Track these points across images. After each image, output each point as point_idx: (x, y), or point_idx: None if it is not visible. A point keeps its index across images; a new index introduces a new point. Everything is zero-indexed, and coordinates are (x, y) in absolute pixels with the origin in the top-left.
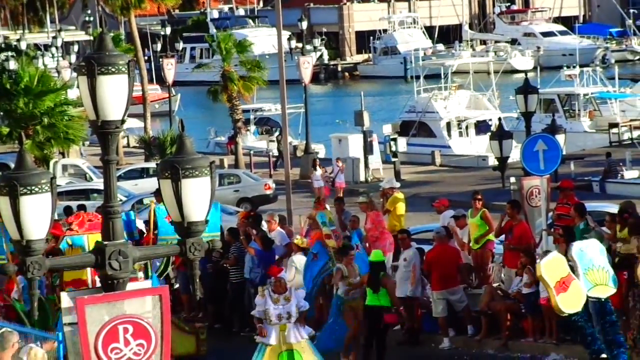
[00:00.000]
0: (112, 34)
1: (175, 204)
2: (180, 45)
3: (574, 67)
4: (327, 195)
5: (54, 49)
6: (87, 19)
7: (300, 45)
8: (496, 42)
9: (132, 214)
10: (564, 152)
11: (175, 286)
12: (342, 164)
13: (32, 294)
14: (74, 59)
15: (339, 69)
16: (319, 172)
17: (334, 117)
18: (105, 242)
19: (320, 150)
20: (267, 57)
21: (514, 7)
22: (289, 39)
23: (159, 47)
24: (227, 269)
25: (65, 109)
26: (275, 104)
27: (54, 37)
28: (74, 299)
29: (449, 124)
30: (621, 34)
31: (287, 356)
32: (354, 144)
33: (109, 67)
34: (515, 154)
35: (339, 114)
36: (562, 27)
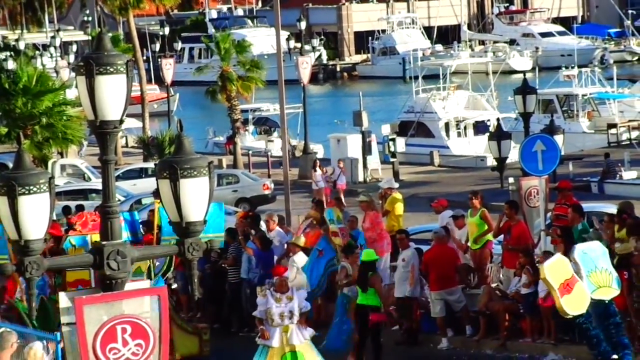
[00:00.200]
0: (110, 34)
1: (173, 204)
2: (178, 45)
3: (573, 67)
4: (328, 196)
5: (52, 49)
6: (85, 18)
7: (299, 45)
8: (495, 42)
9: (137, 214)
10: (563, 153)
11: (173, 286)
12: (343, 165)
13: (31, 294)
14: (72, 59)
15: (338, 69)
16: (319, 173)
17: (332, 117)
18: (103, 242)
19: (318, 150)
20: (265, 57)
21: (513, 8)
22: (288, 39)
23: (158, 47)
24: (225, 269)
25: (63, 109)
26: (273, 104)
27: (53, 37)
28: (72, 299)
29: (447, 125)
30: (619, 35)
31: (290, 357)
32: (353, 144)
33: (108, 67)
34: (513, 155)
35: (337, 114)
36: (561, 28)
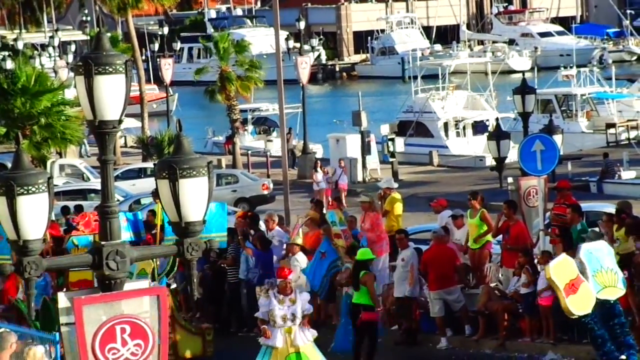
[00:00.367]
0: (109, 34)
1: (172, 204)
2: (177, 45)
3: (571, 67)
4: (329, 197)
5: (51, 49)
6: (84, 18)
7: (298, 45)
8: (494, 42)
9: (140, 214)
10: (562, 153)
11: (172, 286)
12: (344, 164)
13: (29, 294)
14: (71, 58)
15: (337, 69)
16: (320, 174)
17: (331, 117)
18: (102, 242)
19: (317, 150)
20: (264, 57)
21: (512, 8)
22: (287, 39)
23: (157, 47)
24: (224, 269)
25: (62, 109)
26: (272, 103)
27: (51, 37)
28: (71, 299)
29: (446, 124)
30: (618, 35)
31: (295, 358)
32: (352, 144)
33: (106, 67)
34: (512, 155)
35: (336, 114)
36: (560, 28)
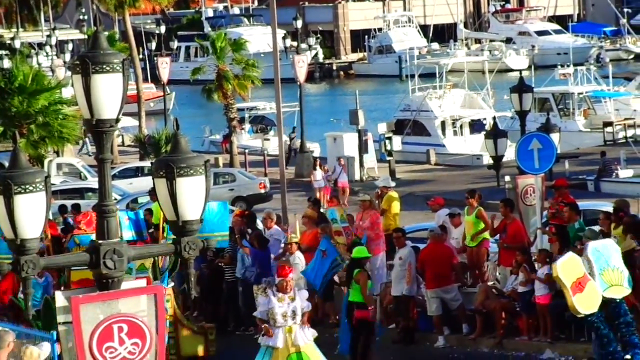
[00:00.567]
0: (106, 32)
1: (170, 203)
2: (175, 43)
3: (569, 66)
4: (328, 195)
5: (48, 48)
6: (81, 17)
7: (295, 43)
8: (491, 41)
9: (141, 213)
10: (559, 151)
11: (170, 285)
12: (344, 163)
13: (26, 293)
14: (68, 57)
15: (334, 68)
16: (319, 173)
17: (329, 115)
18: (100, 241)
19: (315, 149)
20: (262, 55)
21: (509, 6)
22: (284, 38)
23: (154, 45)
24: (222, 268)
25: (59, 107)
26: (270, 102)
27: (48, 36)
28: (68, 298)
29: (443, 123)
30: (615, 33)
31: (296, 358)
32: (349, 143)
33: (104, 66)
34: (510, 153)
35: (333, 112)
36: (557, 26)
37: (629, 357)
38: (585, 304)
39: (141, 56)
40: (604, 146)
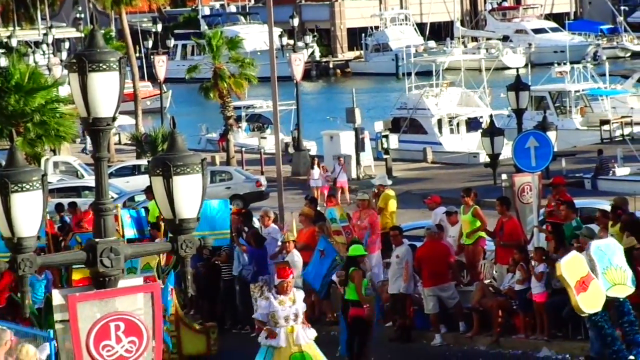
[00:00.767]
0: (102, 30)
1: (166, 201)
2: (171, 42)
3: (565, 64)
4: (324, 193)
5: (44, 46)
6: (77, 15)
7: (291, 42)
8: (487, 39)
9: (143, 211)
10: (556, 149)
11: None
12: (343, 162)
13: (24, 292)
14: (64, 56)
15: (331, 66)
16: (316, 172)
17: (325, 114)
18: (96, 240)
19: (311, 147)
20: (258, 53)
21: (506, 4)
22: (281, 36)
23: (151, 44)
24: (219, 266)
25: (56, 106)
26: (266, 100)
27: (45, 34)
28: (65, 296)
29: (440, 121)
30: (612, 31)
31: (299, 357)
32: (346, 141)
33: (100, 64)
34: (506, 151)
35: (330, 111)
36: (554, 24)
37: (632, 357)
38: (589, 303)
39: (138, 54)
40: (601, 144)
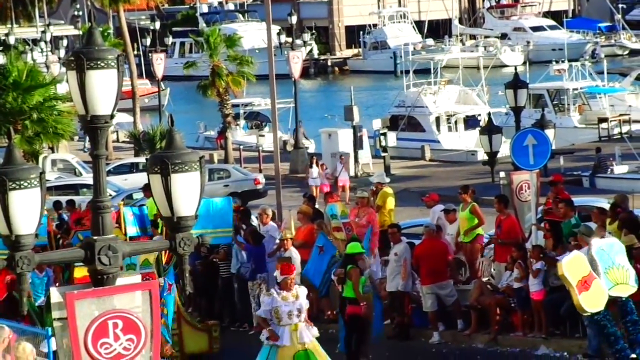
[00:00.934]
0: (100, 28)
1: (164, 199)
2: (169, 39)
3: (563, 61)
4: (324, 191)
5: (42, 44)
6: (75, 13)
7: (290, 39)
8: (486, 37)
9: (145, 209)
10: (554, 147)
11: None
12: (344, 160)
13: (22, 289)
14: (62, 53)
15: (329, 64)
16: (315, 170)
17: (323, 112)
18: (94, 237)
19: (310, 145)
20: (256, 51)
21: (504, 2)
22: (279, 34)
23: (149, 41)
24: (217, 264)
25: (54, 103)
26: (264, 98)
27: (43, 32)
28: (63, 294)
29: (438, 119)
30: (610, 29)
31: (303, 356)
32: (344, 139)
33: (98, 62)
34: (504, 149)
35: (328, 108)
36: (552, 22)
37: (634, 355)
38: (591, 302)
39: (136, 52)
40: (599, 142)
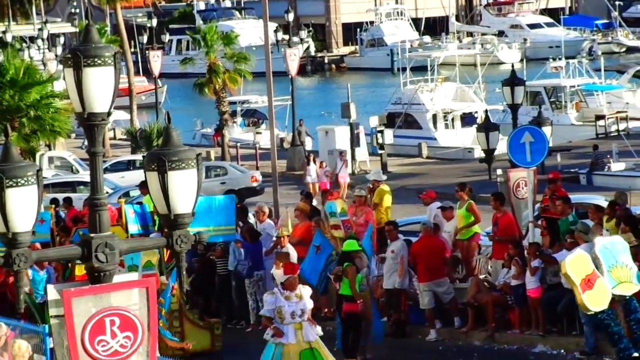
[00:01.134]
0: (97, 25)
1: (161, 197)
2: (166, 37)
3: (560, 59)
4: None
5: (39, 41)
6: (72, 10)
7: (287, 37)
8: (483, 34)
9: (147, 207)
10: (551, 144)
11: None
12: (345, 157)
13: (19, 287)
14: (59, 51)
15: (326, 61)
16: (312, 168)
17: (320, 109)
18: (91, 235)
19: (307, 142)
20: (253, 49)
21: None
22: (276, 31)
23: (145, 39)
24: (214, 261)
25: (51, 101)
26: (262, 96)
27: (40, 29)
28: (60, 291)
29: (435, 116)
30: (607, 26)
31: (309, 354)
32: (341, 136)
33: (95, 59)
34: (501, 146)
35: (325, 106)
36: (549, 19)
37: (637, 355)
38: (594, 301)
39: (133, 49)
40: (596, 139)
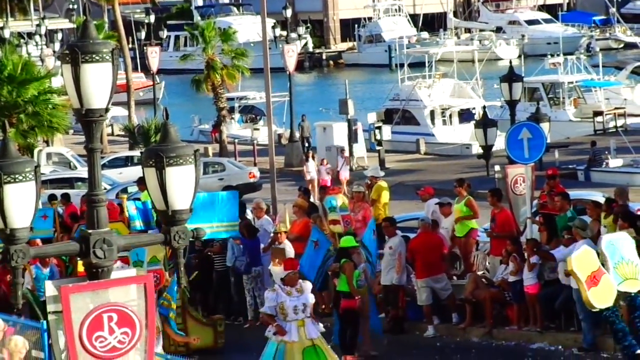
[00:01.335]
0: (95, 21)
1: (159, 193)
2: (164, 33)
3: (559, 55)
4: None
5: (37, 37)
6: (70, 6)
7: (284, 33)
8: (481, 30)
9: (149, 203)
10: (549, 141)
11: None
12: (346, 154)
13: (17, 283)
14: (57, 47)
15: (324, 57)
16: (311, 164)
17: (318, 105)
18: (89, 231)
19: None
20: (251, 45)
21: None
22: (274, 27)
23: (143, 35)
24: (211, 257)
25: (49, 97)
26: (259, 92)
27: (38, 25)
28: (58, 287)
29: (432, 112)
30: (605, 22)
31: (312, 351)
32: (339, 133)
33: (93, 55)
34: (499, 142)
35: (323, 102)
36: (547, 15)
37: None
38: (600, 298)
39: (131, 45)
40: (594, 135)
